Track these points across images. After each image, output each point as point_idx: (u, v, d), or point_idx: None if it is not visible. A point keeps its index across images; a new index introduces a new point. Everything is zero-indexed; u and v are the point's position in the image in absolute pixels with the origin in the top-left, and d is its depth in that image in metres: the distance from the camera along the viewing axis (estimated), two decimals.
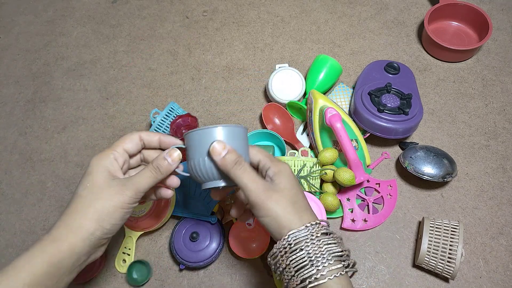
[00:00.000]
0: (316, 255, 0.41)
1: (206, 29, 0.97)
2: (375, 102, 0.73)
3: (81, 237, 0.42)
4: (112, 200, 0.43)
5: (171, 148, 0.47)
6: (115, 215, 0.44)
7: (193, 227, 0.67)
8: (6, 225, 0.75)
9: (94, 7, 1.04)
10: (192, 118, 0.70)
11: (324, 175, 0.67)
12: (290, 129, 0.78)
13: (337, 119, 0.65)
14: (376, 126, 0.71)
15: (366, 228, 0.68)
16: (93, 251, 0.44)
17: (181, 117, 0.70)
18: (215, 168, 0.45)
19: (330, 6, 0.98)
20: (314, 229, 0.43)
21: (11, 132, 0.86)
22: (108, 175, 0.45)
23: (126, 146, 0.48)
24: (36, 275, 0.40)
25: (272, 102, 0.79)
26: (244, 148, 0.47)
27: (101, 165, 0.45)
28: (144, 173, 0.46)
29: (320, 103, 0.71)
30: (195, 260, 0.64)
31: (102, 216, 0.43)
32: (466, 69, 0.85)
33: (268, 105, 0.78)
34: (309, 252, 0.41)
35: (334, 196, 0.66)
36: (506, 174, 0.73)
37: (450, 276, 0.60)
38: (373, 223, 0.68)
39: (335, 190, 0.69)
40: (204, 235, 0.66)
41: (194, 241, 0.66)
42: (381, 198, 0.71)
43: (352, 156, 0.65)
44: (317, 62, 0.81)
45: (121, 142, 0.48)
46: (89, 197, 0.43)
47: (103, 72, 0.92)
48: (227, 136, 0.45)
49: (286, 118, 0.78)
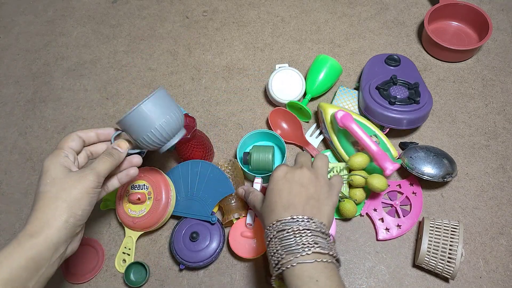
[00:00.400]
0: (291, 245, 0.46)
1: (206, 29, 0.97)
2: (384, 96, 0.73)
3: (56, 227, 0.44)
4: (77, 188, 0.46)
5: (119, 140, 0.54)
6: (83, 201, 0.46)
7: (193, 227, 0.67)
8: (6, 225, 0.75)
9: (94, 7, 1.04)
10: (190, 119, 0.69)
11: (351, 181, 0.67)
12: (299, 132, 0.77)
13: (349, 118, 0.66)
14: (390, 119, 0.71)
15: (403, 233, 0.67)
16: (69, 240, 0.46)
17: None
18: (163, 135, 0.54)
19: (330, 6, 0.98)
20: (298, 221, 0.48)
21: (11, 132, 0.86)
22: (65, 169, 0.47)
23: (71, 144, 0.50)
24: (14, 269, 0.41)
25: (278, 107, 0.79)
26: (171, 104, 0.55)
27: (56, 162, 0.47)
28: (101, 159, 0.50)
29: (329, 111, 0.72)
30: (195, 260, 0.64)
31: (71, 203, 0.45)
32: (466, 69, 0.85)
33: (274, 110, 0.78)
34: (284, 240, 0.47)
35: (353, 204, 0.66)
36: (506, 174, 0.73)
37: (450, 276, 0.60)
38: (408, 225, 0.68)
39: (364, 195, 0.68)
40: (204, 235, 0.66)
41: (194, 241, 0.66)
42: (406, 198, 0.70)
43: (374, 148, 0.64)
44: (317, 62, 0.81)
45: (65, 142, 0.50)
46: (53, 190, 0.45)
47: (103, 72, 0.92)
48: (155, 105, 0.53)
49: (293, 121, 0.78)
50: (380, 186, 0.64)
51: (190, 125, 0.69)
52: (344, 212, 0.66)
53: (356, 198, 0.67)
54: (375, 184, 0.64)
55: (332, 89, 0.84)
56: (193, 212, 0.68)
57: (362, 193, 0.67)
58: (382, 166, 0.63)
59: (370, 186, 0.65)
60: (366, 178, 0.66)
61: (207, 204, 0.68)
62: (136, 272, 0.66)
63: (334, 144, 0.73)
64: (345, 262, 0.67)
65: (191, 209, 0.68)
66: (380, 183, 0.64)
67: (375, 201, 0.70)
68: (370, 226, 0.69)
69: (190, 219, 0.68)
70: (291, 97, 0.79)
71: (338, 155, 0.73)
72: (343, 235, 0.69)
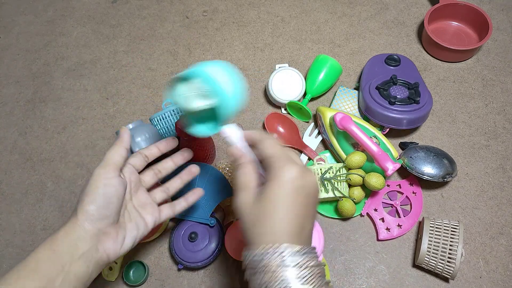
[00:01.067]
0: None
1: (206, 29, 0.97)
2: (384, 96, 0.73)
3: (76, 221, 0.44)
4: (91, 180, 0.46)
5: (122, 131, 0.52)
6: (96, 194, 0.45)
7: (192, 227, 0.67)
8: (6, 225, 0.75)
9: (94, 7, 1.04)
10: None
11: (349, 180, 0.67)
12: (296, 136, 0.77)
13: (348, 119, 0.67)
14: (390, 119, 0.71)
15: (404, 232, 0.67)
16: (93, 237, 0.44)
17: None
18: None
19: (330, 6, 0.98)
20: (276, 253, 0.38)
21: (11, 132, 0.86)
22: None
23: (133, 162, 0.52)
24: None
25: (273, 112, 0.79)
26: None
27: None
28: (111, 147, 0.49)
29: (328, 115, 0.72)
30: (194, 260, 0.64)
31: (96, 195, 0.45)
32: (466, 69, 0.85)
33: (270, 115, 0.78)
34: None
35: (351, 203, 0.66)
36: (506, 174, 0.73)
37: (450, 276, 0.60)
38: (408, 225, 0.68)
39: (362, 194, 0.68)
40: (203, 236, 0.66)
41: (193, 242, 0.66)
42: (406, 198, 0.70)
43: (374, 149, 0.64)
44: (317, 62, 0.81)
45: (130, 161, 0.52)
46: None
47: (103, 72, 0.92)
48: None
49: (290, 125, 0.78)
50: (377, 185, 0.64)
51: None
52: (343, 212, 0.66)
53: (354, 197, 0.67)
54: (373, 183, 0.64)
55: (332, 89, 0.84)
56: (192, 215, 0.68)
57: (361, 192, 0.67)
58: (383, 166, 0.63)
59: (368, 185, 0.65)
60: (364, 177, 0.66)
61: (206, 207, 0.68)
62: (136, 271, 0.66)
63: (334, 147, 0.73)
64: (345, 262, 0.67)
65: (190, 211, 0.68)
66: (377, 182, 0.64)
67: (376, 201, 0.70)
68: (370, 226, 0.69)
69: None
70: (291, 97, 0.79)
71: (338, 157, 0.73)
72: (343, 235, 0.69)
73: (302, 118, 0.81)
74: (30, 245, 0.72)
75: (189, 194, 0.58)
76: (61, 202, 0.76)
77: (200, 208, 0.68)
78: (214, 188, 0.68)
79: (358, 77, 0.86)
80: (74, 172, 0.79)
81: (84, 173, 0.79)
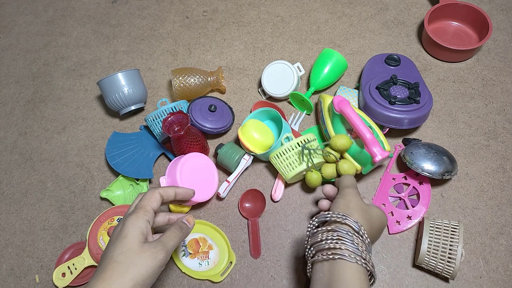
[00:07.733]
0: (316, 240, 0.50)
1: (206, 29, 0.97)
2: (384, 96, 0.73)
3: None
4: (147, 266, 0.46)
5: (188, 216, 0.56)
6: (149, 280, 0.47)
7: (211, 101, 0.79)
8: (6, 225, 0.75)
9: (94, 7, 1.04)
10: (184, 115, 0.69)
11: (327, 156, 0.68)
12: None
13: (346, 103, 0.67)
14: (390, 119, 0.71)
15: (414, 223, 0.68)
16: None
17: (172, 114, 0.69)
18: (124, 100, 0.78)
19: (330, 6, 0.98)
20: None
21: (11, 132, 0.86)
22: (142, 238, 0.48)
23: (153, 205, 0.52)
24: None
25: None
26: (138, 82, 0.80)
27: (136, 228, 0.48)
28: (170, 235, 0.51)
29: (328, 100, 0.74)
30: (214, 126, 0.75)
31: (138, 281, 0.45)
32: (466, 69, 0.85)
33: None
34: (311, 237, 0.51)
35: (319, 175, 0.68)
36: (506, 174, 0.73)
37: (450, 276, 0.60)
38: (418, 214, 0.68)
39: (334, 174, 0.68)
40: (221, 109, 0.78)
41: (213, 112, 0.76)
42: (413, 188, 0.71)
43: (367, 134, 0.64)
44: (323, 55, 0.81)
45: (148, 202, 0.52)
46: (126, 262, 0.46)
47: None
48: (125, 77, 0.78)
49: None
50: (347, 171, 0.66)
51: (184, 122, 0.69)
52: (308, 181, 0.68)
53: (324, 173, 0.68)
54: (344, 168, 0.66)
55: (336, 84, 0.85)
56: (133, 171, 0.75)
57: (334, 172, 0.68)
58: (371, 151, 0.63)
59: (338, 169, 0.67)
60: (339, 161, 0.67)
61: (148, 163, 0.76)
62: None
63: (328, 132, 0.72)
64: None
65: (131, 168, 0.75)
66: (348, 169, 0.66)
67: (382, 196, 0.70)
68: None
69: (204, 98, 0.79)
70: (285, 90, 0.79)
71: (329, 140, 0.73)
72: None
73: (303, 110, 0.81)
74: (30, 245, 0.72)
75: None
76: (61, 202, 0.76)
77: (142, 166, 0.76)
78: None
79: (358, 77, 0.86)
80: (74, 172, 0.79)
81: (84, 173, 0.79)
